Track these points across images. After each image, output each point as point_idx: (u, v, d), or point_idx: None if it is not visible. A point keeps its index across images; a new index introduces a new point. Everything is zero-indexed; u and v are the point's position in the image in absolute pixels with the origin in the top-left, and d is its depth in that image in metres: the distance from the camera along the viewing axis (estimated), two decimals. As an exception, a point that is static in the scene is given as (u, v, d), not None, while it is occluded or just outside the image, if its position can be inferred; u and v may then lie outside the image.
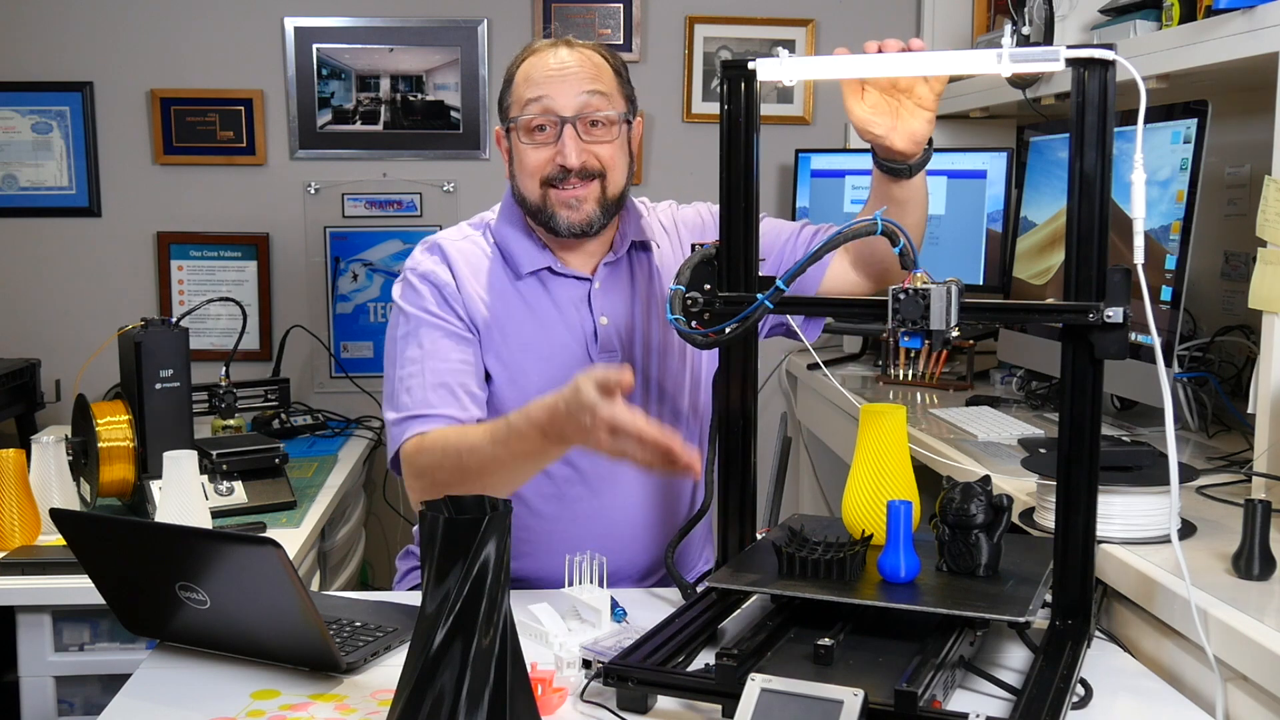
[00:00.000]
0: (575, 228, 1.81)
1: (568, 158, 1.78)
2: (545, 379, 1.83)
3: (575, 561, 1.60)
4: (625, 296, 1.90)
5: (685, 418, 1.93)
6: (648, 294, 1.91)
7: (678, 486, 1.94)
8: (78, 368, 2.85)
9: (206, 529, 1.91)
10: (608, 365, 1.69)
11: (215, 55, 3.55)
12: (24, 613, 2.04)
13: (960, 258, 2.96)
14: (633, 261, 1.93)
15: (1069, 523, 1.40)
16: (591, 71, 1.81)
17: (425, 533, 1.08)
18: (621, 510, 1.88)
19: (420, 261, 1.87)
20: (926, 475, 1.84)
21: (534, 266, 1.86)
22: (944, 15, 3.53)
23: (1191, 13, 2.06)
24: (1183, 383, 2.24)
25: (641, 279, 1.92)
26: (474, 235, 1.91)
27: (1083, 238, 1.37)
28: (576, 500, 1.86)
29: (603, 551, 1.62)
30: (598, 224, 1.83)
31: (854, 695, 1.17)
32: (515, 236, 1.87)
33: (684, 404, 1.93)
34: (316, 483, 2.59)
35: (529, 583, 1.85)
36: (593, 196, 1.81)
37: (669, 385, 1.91)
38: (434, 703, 1.06)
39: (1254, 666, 1.26)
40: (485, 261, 1.87)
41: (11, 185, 3.56)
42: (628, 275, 1.92)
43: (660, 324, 1.90)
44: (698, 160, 3.58)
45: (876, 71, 1.62)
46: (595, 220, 1.82)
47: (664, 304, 1.89)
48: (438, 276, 1.84)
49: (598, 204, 1.82)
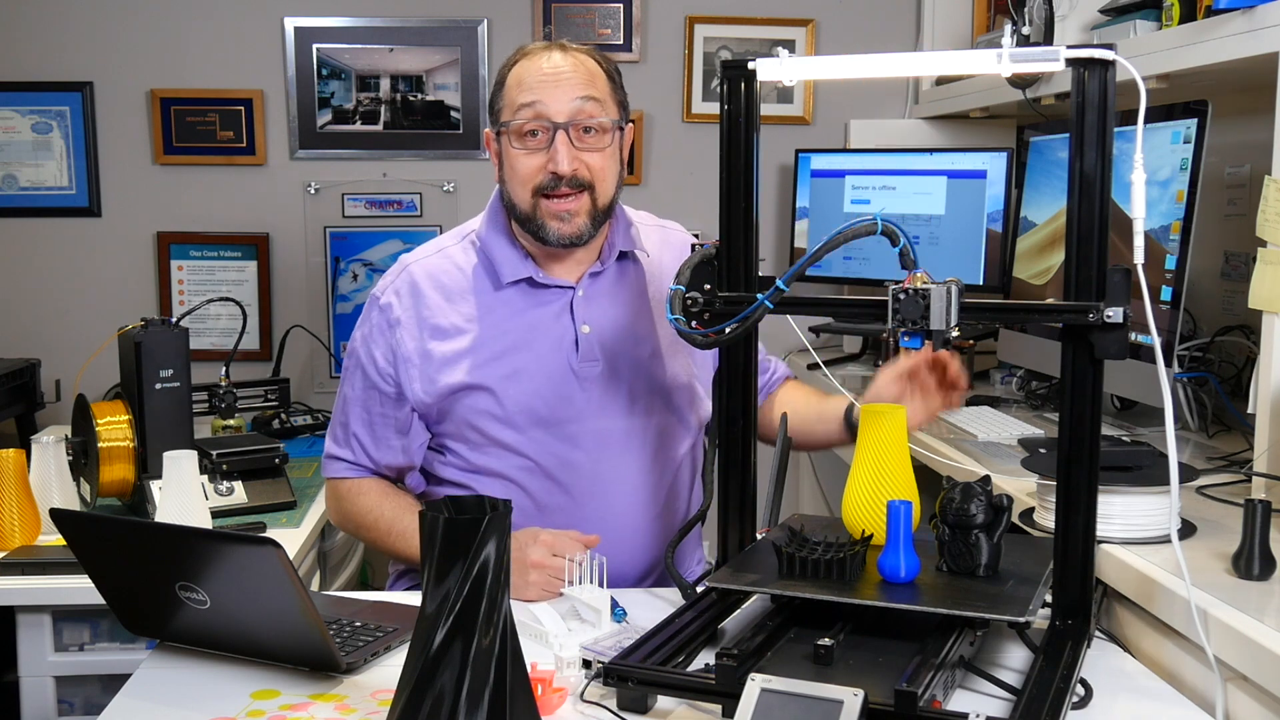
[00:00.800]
0: (565, 239, 1.80)
1: (560, 164, 1.77)
2: (526, 388, 1.83)
3: (575, 561, 1.60)
4: (611, 305, 1.88)
5: (678, 422, 1.93)
6: (636, 303, 1.90)
7: (678, 487, 1.94)
8: (78, 368, 2.85)
9: (206, 529, 1.91)
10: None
11: (215, 55, 3.56)
12: (24, 613, 2.04)
13: (960, 258, 2.96)
14: (620, 270, 1.91)
15: (1069, 523, 1.40)
16: (585, 77, 1.79)
17: (425, 533, 1.08)
18: (621, 511, 1.88)
19: (383, 291, 1.89)
20: (926, 475, 1.84)
21: (515, 276, 1.85)
22: (944, 15, 3.54)
23: (1191, 13, 2.06)
24: (1183, 383, 2.24)
25: (629, 288, 1.91)
26: (451, 248, 1.90)
27: (1083, 238, 1.37)
28: (576, 501, 1.86)
29: (603, 552, 1.62)
30: (588, 235, 1.82)
31: (854, 695, 1.17)
32: (500, 244, 1.86)
33: (675, 409, 1.92)
34: (316, 483, 2.59)
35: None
36: (583, 209, 1.80)
37: (660, 391, 1.90)
38: (434, 702, 1.06)
39: (1254, 666, 1.26)
40: (460, 275, 1.87)
41: (11, 185, 3.56)
42: (614, 284, 1.90)
43: (649, 332, 1.89)
44: (698, 160, 3.58)
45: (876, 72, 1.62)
46: (585, 232, 1.81)
47: (656, 311, 1.90)
48: (391, 312, 1.86)
49: (588, 216, 1.80)
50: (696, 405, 1.94)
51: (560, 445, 1.84)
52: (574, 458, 1.84)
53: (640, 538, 1.89)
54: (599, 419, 1.85)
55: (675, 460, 1.93)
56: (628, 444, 1.87)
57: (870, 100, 3.62)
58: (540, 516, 1.85)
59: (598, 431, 1.85)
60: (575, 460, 1.84)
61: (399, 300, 1.86)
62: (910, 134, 3.49)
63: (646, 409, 1.89)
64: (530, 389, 1.83)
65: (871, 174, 3.20)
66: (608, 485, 1.86)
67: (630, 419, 1.87)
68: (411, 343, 1.85)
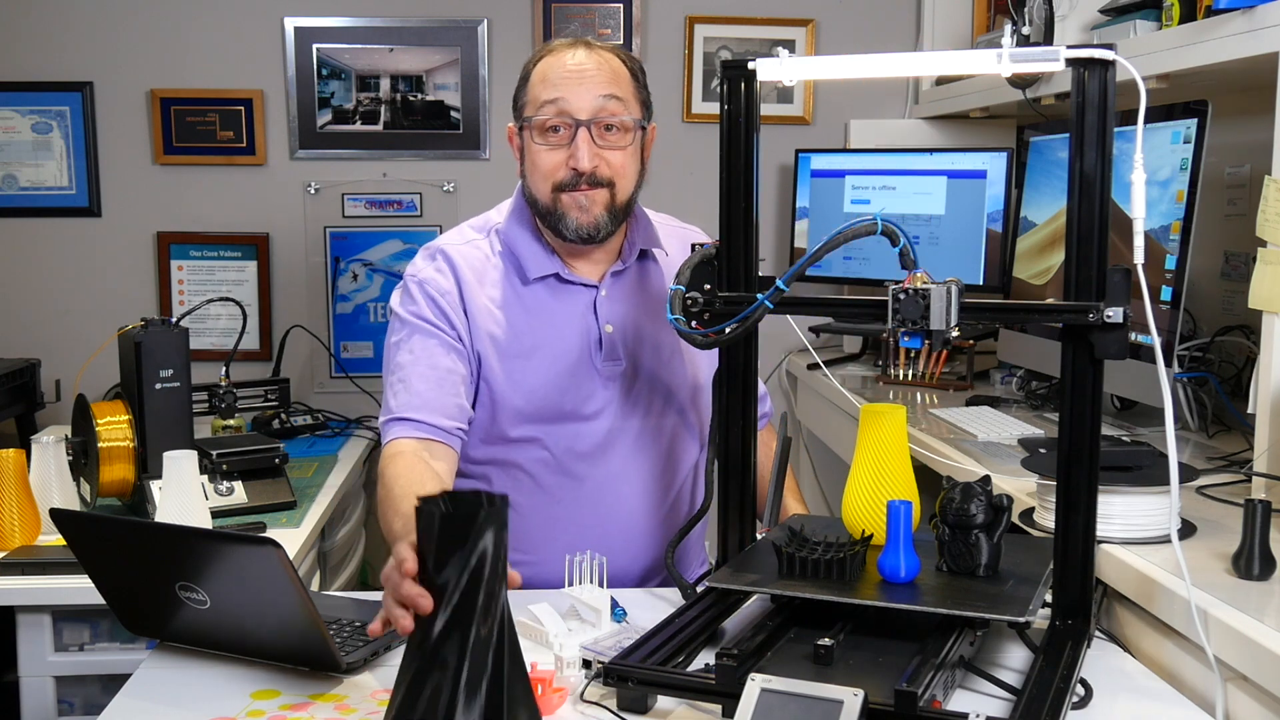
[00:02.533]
0: (583, 230, 1.81)
1: (580, 161, 1.78)
2: (548, 384, 1.83)
3: (575, 561, 1.61)
4: (632, 304, 1.90)
5: (689, 423, 1.94)
6: (656, 304, 1.91)
7: (684, 489, 1.95)
8: (78, 368, 2.85)
9: (206, 529, 1.91)
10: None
11: (215, 55, 3.55)
12: (24, 613, 2.04)
13: (960, 258, 2.96)
14: (642, 270, 1.93)
15: (1069, 523, 1.41)
16: (609, 75, 1.80)
17: (422, 526, 1.09)
18: (621, 511, 1.88)
19: (421, 269, 1.87)
20: (926, 475, 1.84)
21: (542, 272, 1.86)
22: (944, 15, 3.53)
23: (1191, 13, 2.06)
24: (1183, 383, 2.24)
25: (649, 287, 1.92)
26: (477, 239, 1.91)
27: (1083, 238, 1.37)
28: (585, 497, 1.86)
29: (603, 552, 1.62)
30: (605, 229, 1.83)
31: (854, 695, 1.17)
32: (524, 240, 1.87)
33: (688, 410, 1.94)
34: (316, 483, 2.59)
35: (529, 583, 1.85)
36: (601, 202, 1.81)
37: (676, 392, 1.92)
38: (433, 691, 1.06)
39: (1254, 666, 1.26)
40: (490, 267, 1.87)
41: (11, 185, 3.55)
42: (636, 283, 1.92)
43: (668, 331, 1.90)
44: (698, 160, 3.57)
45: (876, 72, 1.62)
46: (603, 225, 1.82)
47: None
48: (437, 284, 1.84)
49: (605, 209, 1.81)
50: (702, 408, 1.94)
51: (577, 441, 1.85)
52: (590, 455, 1.85)
53: (645, 538, 1.90)
54: (617, 418, 1.87)
55: (684, 462, 1.93)
56: (640, 444, 1.88)
57: (870, 100, 3.62)
58: (550, 509, 1.85)
59: (615, 430, 1.86)
60: (591, 457, 1.85)
61: (442, 275, 1.85)
62: (910, 134, 3.49)
63: (662, 410, 1.90)
64: (552, 384, 1.83)
65: (871, 174, 3.20)
66: (619, 484, 1.87)
67: (646, 419, 1.89)
68: (460, 303, 1.83)
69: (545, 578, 1.79)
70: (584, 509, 1.86)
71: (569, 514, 1.86)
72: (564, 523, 1.85)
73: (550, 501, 1.85)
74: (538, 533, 1.85)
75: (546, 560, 1.80)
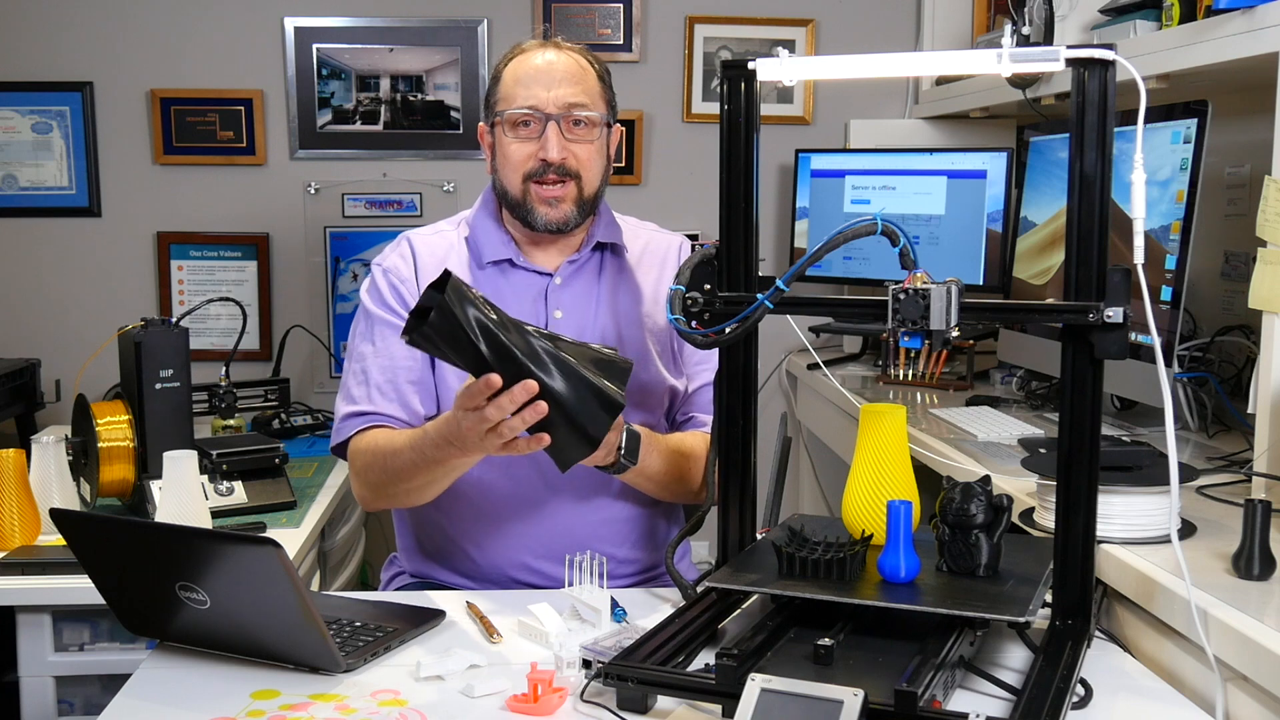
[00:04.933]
0: (552, 224, 1.87)
1: (549, 151, 1.84)
2: None
3: (575, 561, 1.60)
4: (587, 294, 1.92)
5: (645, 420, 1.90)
6: (613, 294, 1.93)
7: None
8: (78, 368, 2.84)
9: (206, 529, 1.91)
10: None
11: (215, 55, 3.55)
12: (24, 613, 2.04)
13: (960, 258, 2.96)
14: (602, 262, 1.95)
15: (1069, 523, 1.40)
16: (577, 73, 1.87)
17: (427, 345, 1.40)
18: (621, 511, 1.88)
19: (385, 256, 1.95)
20: (926, 475, 1.84)
21: (495, 257, 1.90)
22: (944, 15, 3.54)
23: (1191, 13, 2.06)
24: (1183, 383, 2.24)
25: (608, 279, 1.94)
26: (447, 229, 1.98)
27: (1083, 238, 1.37)
28: (577, 501, 1.86)
29: (603, 552, 1.62)
30: (574, 222, 1.88)
31: (854, 695, 1.17)
32: (486, 227, 1.93)
33: (649, 402, 1.92)
34: (316, 483, 2.59)
35: (529, 583, 1.85)
36: (570, 196, 1.87)
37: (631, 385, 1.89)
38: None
39: (1254, 666, 1.26)
40: (453, 254, 1.93)
41: (11, 185, 3.55)
42: (594, 274, 1.94)
43: (623, 324, 1.92)
44: (698, 160, 3.57)
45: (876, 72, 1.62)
46: (572, 218, 1.88)
47: (631, 306, 1.91)
48: (399, 272, 1.91)
49: (574, 204, 1.87)
50: (654, 406, 1.93)
51: None
52: None
53: (640, 538, 1.89)
54: None
55: None
56: None
57: (870, 100, 3.62)
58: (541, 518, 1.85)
59: None
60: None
61: (403, 263, 1.93)
62: (910, 134, 3.49)
63: None
64: None
65: (871, 174, 3.20)
66: (610, 485, 1.86)
67: None
68: (417, 291, 1.89)
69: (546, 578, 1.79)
70: (583, 507, 1.85)
71: (568, 512, 1.85)
72: (564, 521, 1.84)
73: (550, 499, 1.85)
74: (537, 531, 1.85)
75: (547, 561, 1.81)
